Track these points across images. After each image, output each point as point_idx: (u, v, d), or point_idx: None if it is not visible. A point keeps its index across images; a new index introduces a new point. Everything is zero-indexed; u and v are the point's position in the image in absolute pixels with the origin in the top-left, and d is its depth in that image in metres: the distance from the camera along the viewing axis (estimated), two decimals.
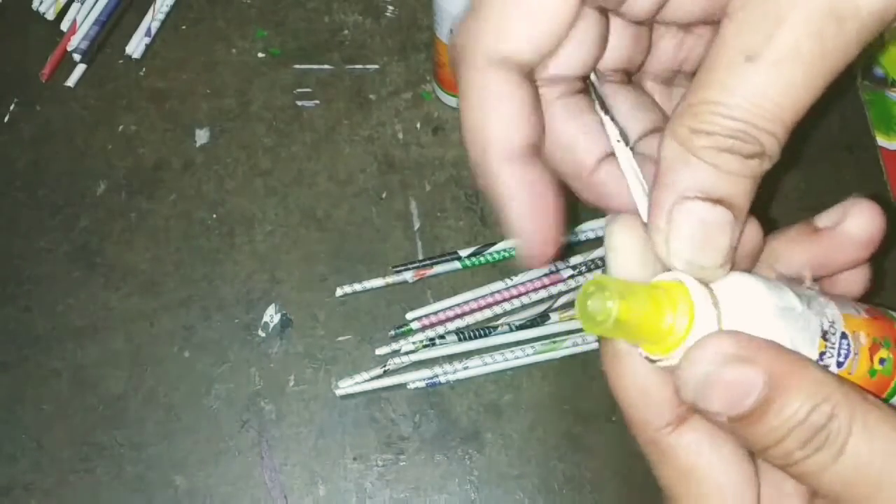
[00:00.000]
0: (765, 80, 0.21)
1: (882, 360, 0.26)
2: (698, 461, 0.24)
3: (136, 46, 0.58)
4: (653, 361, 0.23)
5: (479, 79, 0.24)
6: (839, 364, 0.24)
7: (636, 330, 0.22)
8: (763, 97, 0.21)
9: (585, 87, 0.25)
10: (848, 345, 0.25)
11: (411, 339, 0.50)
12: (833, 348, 0.24)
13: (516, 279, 0.52)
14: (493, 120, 0.24)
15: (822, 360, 0.24)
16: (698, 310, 0.22)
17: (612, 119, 0.25)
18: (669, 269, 0.23)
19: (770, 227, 0.50)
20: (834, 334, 0.24)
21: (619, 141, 0.25)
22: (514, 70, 0.24)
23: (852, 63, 0.22)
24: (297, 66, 0.59)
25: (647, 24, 0.28)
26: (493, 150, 0.24)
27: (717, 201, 0.22)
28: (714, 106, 0.21)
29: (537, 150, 0.25)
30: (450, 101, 0.56)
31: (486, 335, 0.50)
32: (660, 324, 0.22)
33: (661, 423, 0.24)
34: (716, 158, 0.21)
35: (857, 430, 0.21)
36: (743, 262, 0.25)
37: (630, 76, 0.28)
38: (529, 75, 0.24)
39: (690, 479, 0.24)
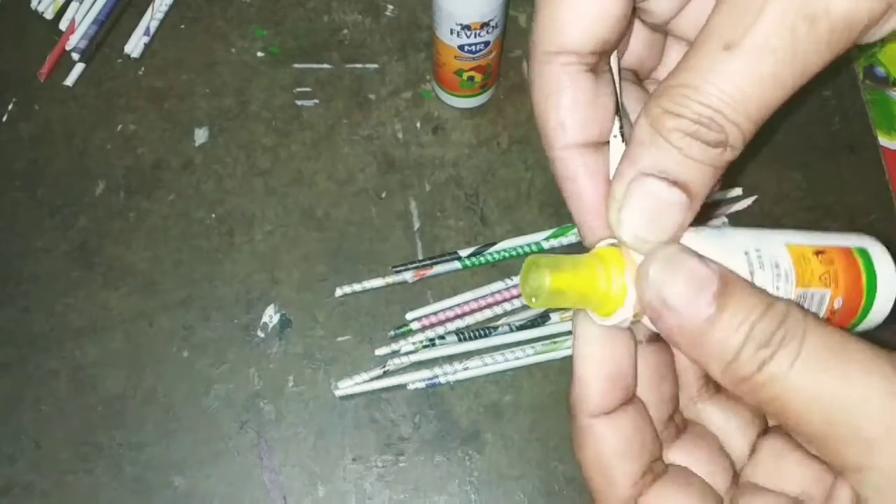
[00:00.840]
0: (737, 69, 0.21)
1: (824, 274, 0.26)
2: None
3: (134, 46, 0.58)
4: (604, 324, 0.24)
5: (539, 70, 0.25)
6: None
7: (575, 296, 0.24)
8: (734, 87, 0.21)
9: (596, 65, 0.26)
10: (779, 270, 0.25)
11: (411, 339, 0.50)
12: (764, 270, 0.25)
13: (516, 279, 0.52)
14: (552, 109, 0.25)
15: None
16: (630, 266, 0.24)
17: (621, 107, 0.26)
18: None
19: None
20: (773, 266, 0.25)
21: (615, 136, 0.26)
22: (570, 61, 0.25)
23: (824, 69, 0.22)
24: (296, 66, 0.58)
25: (662, 32, 0.28)
26: (553, 138, 0.25)
27: (674, 183, 0.22)
28: (687, 90, 0.22)
29: (597, 135, 0.26)
30: (449, 100, 0.56)
31: (486, 335, 0.50)
32: (596, 286, 0.24)
33: (621, 496, 0.24)
34: (680, 141, 0.22)
35: (813, 325, 0.21)
36: None
37: (639, 78, 0.29)
38: (592, 64, 0.25)
39: None
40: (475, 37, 0.50)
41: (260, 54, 0.59)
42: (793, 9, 0.21)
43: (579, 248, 0.53)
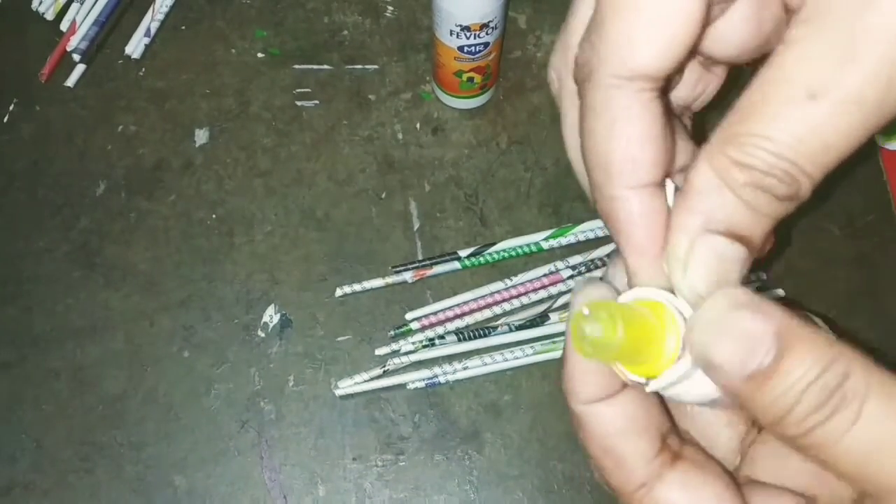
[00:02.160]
0: (821, 120, 0.19)
1: None
2: None
3: (135, 46, 0.58)
4: (643, 384, 0.23)
5: (606, 97, 0.22)
6: None
7: (635, 353, 0.21)
8: (817, 138, 0.20)
9: (657, 90, 0.23)
10: None
11: (411, 339, 0.50)
12: None
13: (516, 279, 0.52)
14: (621, 142, 0.22)
15: None
16: (680, 325, 0.22)
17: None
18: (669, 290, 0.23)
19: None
20: None
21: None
22: (643, 87, 0.22)
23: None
24: (296, 67, 0.59)
25: (707, 61, 0.27)
26: (618, 175, 0.23)
27: (738, 238, 0.21)
28: (761, 140, 0.20)
29: (663, 174, 0.23)
30: (449, 101, 0.56)
31: (485, 335, 0.50)
32: (658, 344, 0.22)
33: (632, 485, 0.23)
34: (750, 195, 0.20)
35: (875, 392, 0.19)
36: None
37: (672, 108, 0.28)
38: (659, 89, 0.23)
39: None
40: (475, 38, 0.50)
41: (260, 55, 0.59)
42: (890, 59, 0.19)
43: (579, 248, 0.53)
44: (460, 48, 0.51)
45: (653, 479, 0.23)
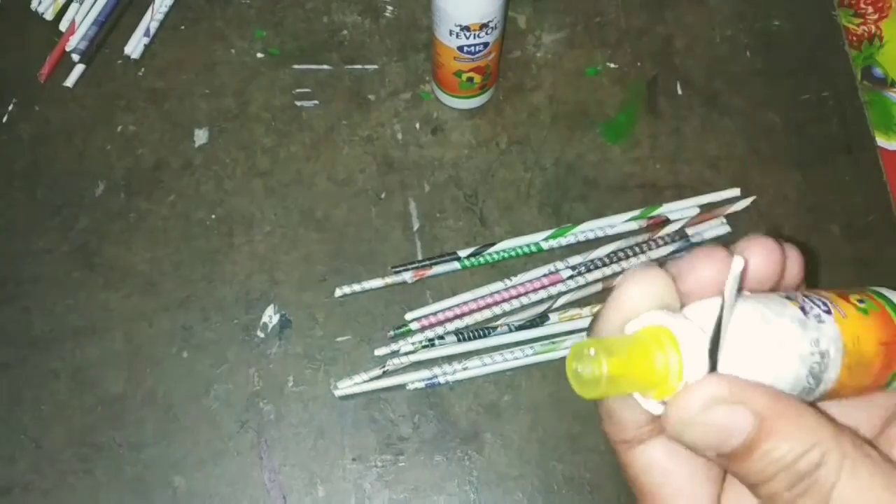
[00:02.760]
0: None
1: (860, 300, 0.25)
2: (648, 478, 0.25)
3: (134, 47, 0.58)
4: (652, 409, 0.23)
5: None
6: (826, 311, 0.24)
7: (629, 383, 0.22)
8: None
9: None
10: (821, 299, 0.25)
11: (410, 339, 0.50)
12: (809, 301, 0.24)
13: (515, 280, 0.52)
14: None
15: (805, 312, 0.24)
16: (686, 349, 0.22)
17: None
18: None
19: (772, 228, 0.50)
20: (806, 298, 0.24)
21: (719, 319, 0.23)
22: None
23: None
24: (296, 67, 0.59)
25: None
26: None
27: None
28: None
29: None
30: (449, 101, 0.56)
31: (485, 336, 0.50)
32: (651, 371, 0.22)
33: (619, 438, 0.25)
34: None
35: (845, 478, 0.21)
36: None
37: None
38: None
39: (644, 495, 0.25)
40: (474, 38, 0.50)
41: (260, 55, 0.59)
42: None
43: (578, 248, 0.53)
44: (460, 48, 0.51)
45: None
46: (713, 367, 0.22)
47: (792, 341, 0.23)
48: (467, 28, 0.49)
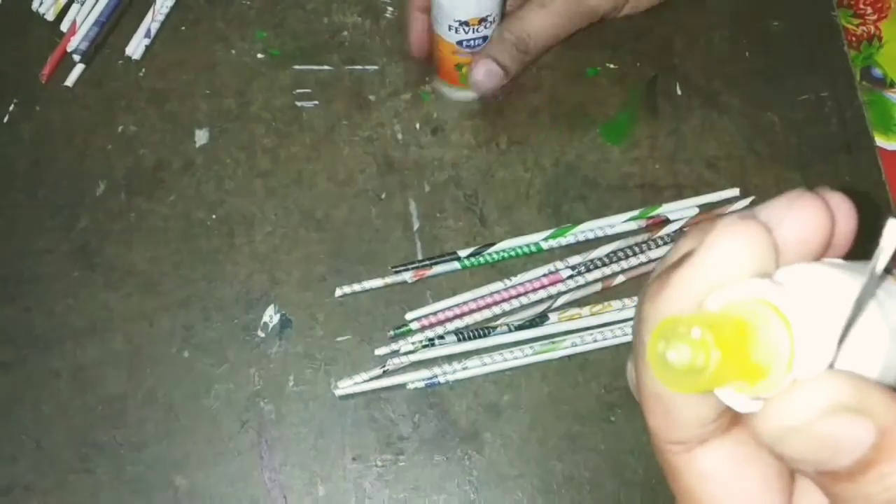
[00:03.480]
0: (546, 18, 0.38)
1: None
2: (707, 489, 0.20)
3: (135, 47, 0.59)
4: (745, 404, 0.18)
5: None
6: None
7: (734, 375, 0.17)
8: (544, 26, 0.38)
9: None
10: None
11: (410, 339, 0.50)
12: None
13: (515, 279, 0.52)
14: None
15: None
16: (800, 333, 0.17)
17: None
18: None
19: None
20: None
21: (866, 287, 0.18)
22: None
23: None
24: (296, 67, 0.59)
25: None
26: None
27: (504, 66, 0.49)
28: (519, 24, 0.34)
29: None
30: (449, 92, 0.57)
31: (485, 336, 0.50)
32: (754, 360, 0.17)
33: (673, 437, 0.20)
34: (510, 49, 0.44)
35: None
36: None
37: None
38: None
39: None
40: (473, 32, 0.50)
41: (260, 56, 0.59)
42: None
43: (578, 248, 0.53)
44: (459, 42, 0.51)
45: None
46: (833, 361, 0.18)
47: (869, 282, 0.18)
48: (466, 23, 0.49)
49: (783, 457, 0.18)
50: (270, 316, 0.52)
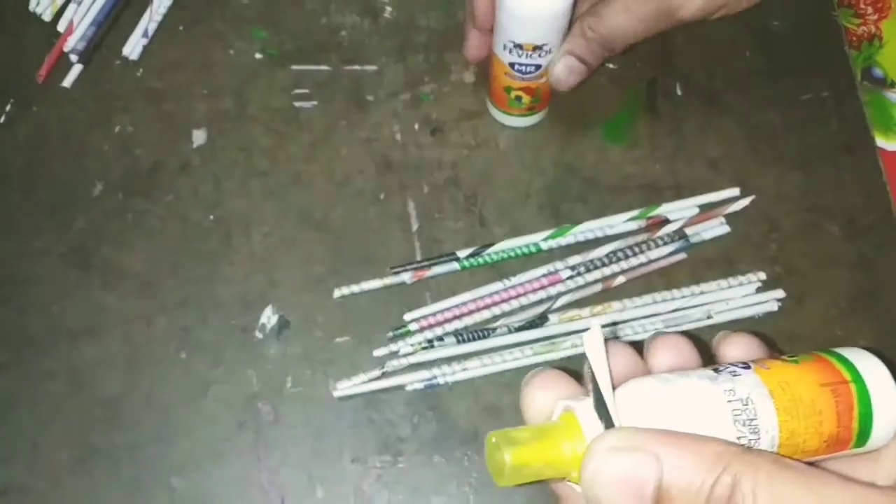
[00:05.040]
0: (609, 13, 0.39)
1: (792, 356, 0.26)
2: None
3: (133, 47, 0.58)
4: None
5: None
6: (745, 367, 0.25)
7: (542, 469, 0.24)
8: (626, 27, 0.43)
9: None
10: (742, 362, 0.25)
11: (409, 340, 0.50)
12: (728, 365, 0.25)
13: (515, 280, 0.52)
14: None
15: (717, 371, 0.25)
16: (585, 423, 0.23)
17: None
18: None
19: (772, 228, 0.50)
20: (729, 364, 0.25)
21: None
22: None
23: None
24: (294, 67, 0.59)
25: None
26: None
27: (582, 60, 0.47)
28: (595, 23, 0.37)
29: None
30: (498, 115, 0.56)
31: (484, 337, 0.50)
32: (559, 455, 0.24)
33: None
34: (588, 43, 0.48)
35: (763, 490, 0.21)
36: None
37: None
38: None
39: None
40: (527, 57, 0.49)
41: (258, 56, 0.59)
42: None
43: (577, 248, 0.53)
44: (511, 64, 0.50)
45: None
46: (608, 425, 0.23)
47: (699, 393, 0.24)
48: (520, 46, 0.49)
49: None
50: (268, 317, 0.51)
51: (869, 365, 0.26)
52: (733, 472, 0.21)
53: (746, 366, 0.25)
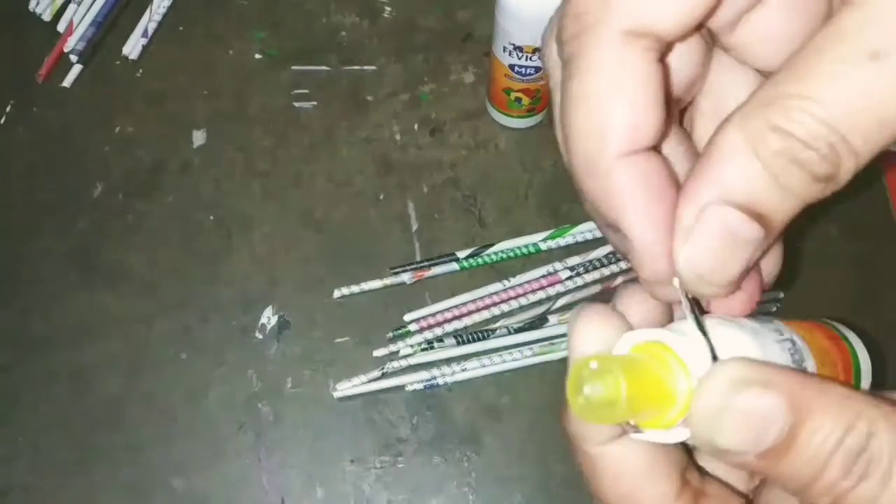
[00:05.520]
0: (882, 85, 0.17)
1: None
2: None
3: (132, 47, 0.58)
4: (661, 439, 0.21)
5: (609, 55, 0.20)
6: (769, 316, 0.23)
7: (641, 409, 0.19)
8: (876, 107, 0.17)
9: (662, 55, 0.21)
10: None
11: (409, 341, 0.50)
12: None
13: (514, 280, 0.52)
14: (624, 106, 0.20)
15: (753, 316, 0.23)
16: (687, 357, 0.20)
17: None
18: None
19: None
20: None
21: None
22: (651, 46, 0.20)
23: None
24: (294, 68, 0.59)
25: (716, 45, 0.24)
26: (614, 142, 0.20)
27: (757, 217, 0.18)
28: (809, 103, 0.17)
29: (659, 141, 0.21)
30: (498, 117, 0.56)
31: (484, 338, 0.50)
32: (667, 394, 0.20)
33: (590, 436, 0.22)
34: (782, 167, 0.18)
35: None
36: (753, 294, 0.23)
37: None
38: (663, 53, 0.20)
39: None
40: (527, 59, 0.49)
41: (258, 56, 0.59)
42: None
43: (577, 249, 0.53)
44: (511, 66, 0.50)
45: None
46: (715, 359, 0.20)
47: (763, 331, 0.22)
48: (520, 48, 0.49)
49: (721, 450, 0.19)
50: (269, 317, 0.52)
51: (844, 328, 0.26)
52: (867, 420, 0.18)
53: (769, 319, 0.23)
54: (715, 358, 0.20)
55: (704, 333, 0.20)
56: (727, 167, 0.18)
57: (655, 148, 0.21)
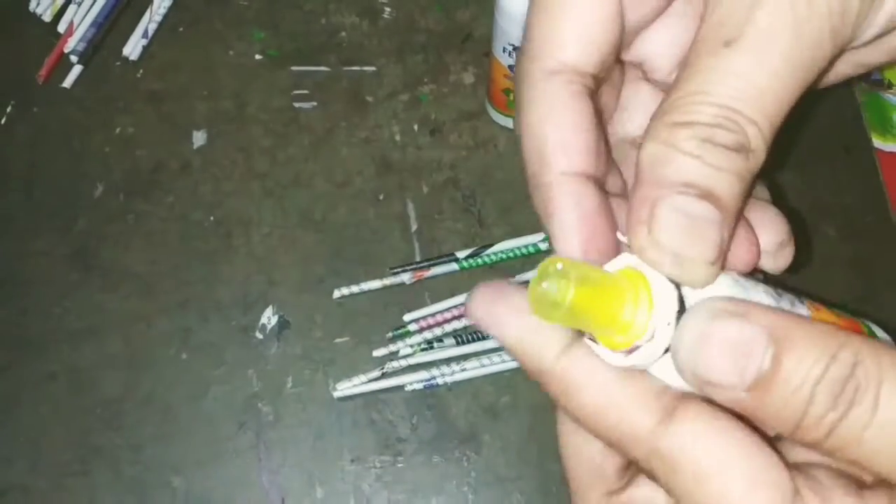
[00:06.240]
0: (744, 64, 0.20)
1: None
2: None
3: (133, 48, 0.58)
4: (615, 363, 0.21)
5: (539, 90, 0.24)
6: (797, 298, 0.24)
7: (593, 318, 0.20)
8: (745, 82, 0.20)
9: (595, 92, 0.24)
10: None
11: (409, 341, 0.50)
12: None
13: (514, 280, 0.52)
14: (553, 128, 0.23)
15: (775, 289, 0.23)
16: (659, 300, 0.20)
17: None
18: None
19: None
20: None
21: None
22: (571, 79, 0.24)
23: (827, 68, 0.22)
24: (294, 68, 0.59)
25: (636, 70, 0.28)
26: (552, 158, 0.23)
27: (704, 195, 0.20)
28: (696, 96, 0.21)
29: (596, 163, 0.24)
30: (496, 117, 0.56)
31: (483, 338, 0.50)
32: (618, 315, 0.20)
33: (642, 433, 0.21)
34: (699, 149, 0.20)
35: (889, 373, 0.18)
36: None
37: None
38: (589, 87, 0.24)
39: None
40: None
41: (258, 57, 0.59)
42: None
43: None
44: (511, 67, 0.50)
45: (665, 423, 0.20)
46: (682, 308, 0.21)
47: (756, 287, 0.22)
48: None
49: (708, 383, 0.19)
50: (268, 317, 0.52)
51: (875, 326, 0.27)
52: (852, 350, 0.18)
53: (801, 300, 0.23)
54: (682, 300, 0.21)
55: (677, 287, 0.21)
56: (658, 169, 0.21)
57: (599, 181, 0.24)
